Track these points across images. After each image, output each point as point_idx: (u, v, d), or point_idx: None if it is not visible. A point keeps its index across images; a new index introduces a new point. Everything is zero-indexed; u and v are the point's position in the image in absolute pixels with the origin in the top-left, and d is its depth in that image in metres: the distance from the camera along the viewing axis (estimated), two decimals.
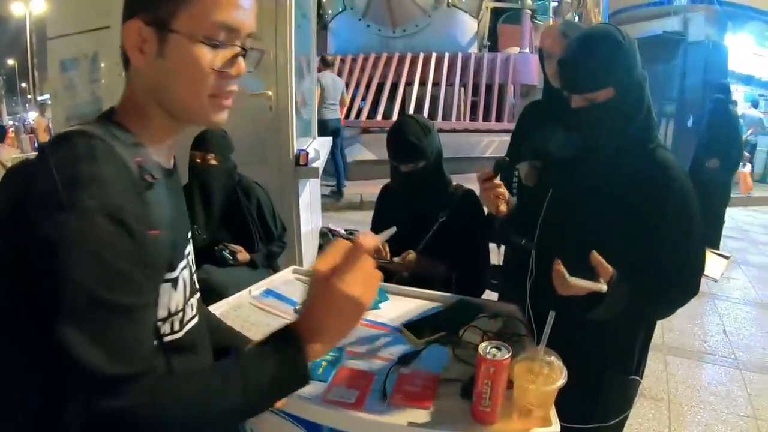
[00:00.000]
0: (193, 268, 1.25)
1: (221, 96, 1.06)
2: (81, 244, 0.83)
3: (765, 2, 19.43)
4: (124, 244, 0.88)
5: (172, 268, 1.07)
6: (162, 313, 1.05)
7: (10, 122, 55.57)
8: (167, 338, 1.08)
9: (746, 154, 11.97)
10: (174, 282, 1.07)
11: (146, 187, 0.98)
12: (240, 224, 3.39)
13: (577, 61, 1.76)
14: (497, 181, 2.13)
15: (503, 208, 2.15)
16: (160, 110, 1.07)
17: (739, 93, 15.58)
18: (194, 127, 1.29)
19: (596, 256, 1.65)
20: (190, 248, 1.21)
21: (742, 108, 13.67)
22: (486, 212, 2.39)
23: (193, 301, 1.20)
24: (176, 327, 1.10)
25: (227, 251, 3.28)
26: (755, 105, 14.94)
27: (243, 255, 3.32)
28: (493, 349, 1.45)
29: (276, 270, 3.41)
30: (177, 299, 1.09)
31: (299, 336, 0.96)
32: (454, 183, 2.74)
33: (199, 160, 3.23)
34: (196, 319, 1.20)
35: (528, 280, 2.11)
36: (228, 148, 3.30)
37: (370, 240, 0.98)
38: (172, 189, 1.11)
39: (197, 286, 1.26)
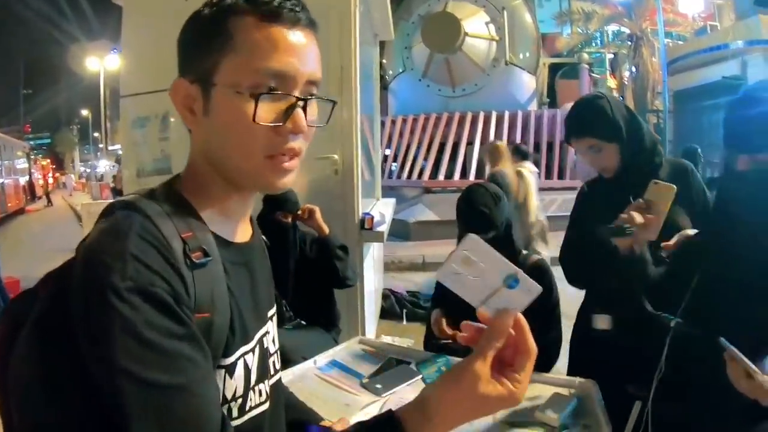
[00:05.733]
0: (272, 350, 1.13)
1: (280, 156, 0.94)
2: (120, 329, 0.77)
3: None
4: (164, 321, 0.80)
5: (228, 354, 0.95)
6: None
7: (82, 169, 58.49)
8: None
9: None
10: (229, 369, 0.96)
11: (192, 266, 0.87)
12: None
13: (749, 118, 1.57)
14: None
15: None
16: (217, 176, 0.97)
17: None
18: None
19: None
20: (266, 328, 1.10)
21: None
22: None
23: (263, 386, 1.06)
24: (234, 414, 0.98)
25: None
26: None
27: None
28: None
29: (338, 329, 3.41)
30: (234, 386, 0.97)
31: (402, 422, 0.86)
32: (524, 252, 2.67)
33: (288, 220, 3.21)
34: (265, 405, 1.06)
35: (657, 374, 1.77)
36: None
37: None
38: (240, 265, 1.01)
39: (275, 369, 1.14)
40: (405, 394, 2.03)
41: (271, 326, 1.14)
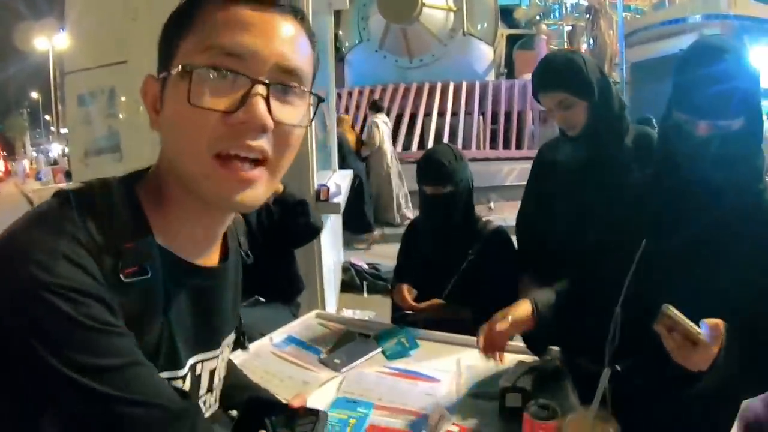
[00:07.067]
0: (222, 372, 1.06)
1: (234, 159, 0.78)
2: (59, 322, 0.69)
3: None
4: (104, 313, 0.72)
5: (177, 367, 0.89)
6: None
7: (34, 154, 56.71)
8: None
9: None
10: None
11: (118, 283, 0.76)
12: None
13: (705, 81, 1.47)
14: None
15: None
16: (178, 187, 0.84)
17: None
18: None
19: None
20: (211, 355, 0.99)
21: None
22: None
23: (209, 398, 1.02)
24: None
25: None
26: None
27: None
28: (540, 409, 1.33)
29: (297, 303, 3.30)
30: None
31: None
32: (483, 219, 2.62)
33: None
34: (205, 416, 0.99)
35: (609, 343, 1.66)
36: None
37: None
38: (192, 289, 0.90)
39: (220, 381, 1.06)
40: (364, 368, 1.96)
41: (220, 354, 1.04)
